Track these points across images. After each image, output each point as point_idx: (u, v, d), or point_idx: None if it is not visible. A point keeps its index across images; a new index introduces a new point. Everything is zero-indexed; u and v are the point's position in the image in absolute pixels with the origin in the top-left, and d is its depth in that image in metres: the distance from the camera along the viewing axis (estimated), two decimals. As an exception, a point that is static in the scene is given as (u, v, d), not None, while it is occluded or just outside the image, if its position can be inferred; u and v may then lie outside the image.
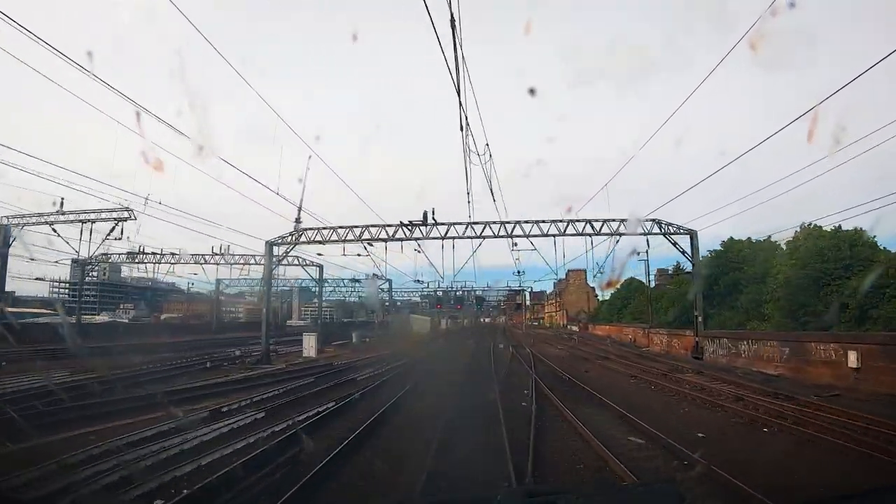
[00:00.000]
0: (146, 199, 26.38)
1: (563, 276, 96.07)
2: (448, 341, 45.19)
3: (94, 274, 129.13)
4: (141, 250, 41.53)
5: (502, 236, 24.06)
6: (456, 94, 8.72)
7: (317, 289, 73.10)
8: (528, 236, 24.05)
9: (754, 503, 5.97)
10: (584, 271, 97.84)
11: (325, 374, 21.28)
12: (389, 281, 53.12)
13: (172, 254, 41.37)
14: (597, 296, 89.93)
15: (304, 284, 57.56)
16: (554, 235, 24.11)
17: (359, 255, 25.42)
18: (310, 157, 35.91)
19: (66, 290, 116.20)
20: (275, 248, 27.91)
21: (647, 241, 25.81)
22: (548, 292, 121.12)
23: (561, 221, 24.28)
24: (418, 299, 71.25)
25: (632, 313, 48.40)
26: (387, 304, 57.64)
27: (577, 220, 24.48)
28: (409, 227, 24.48)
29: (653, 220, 25.78)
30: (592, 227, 24.62)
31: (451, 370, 22.26)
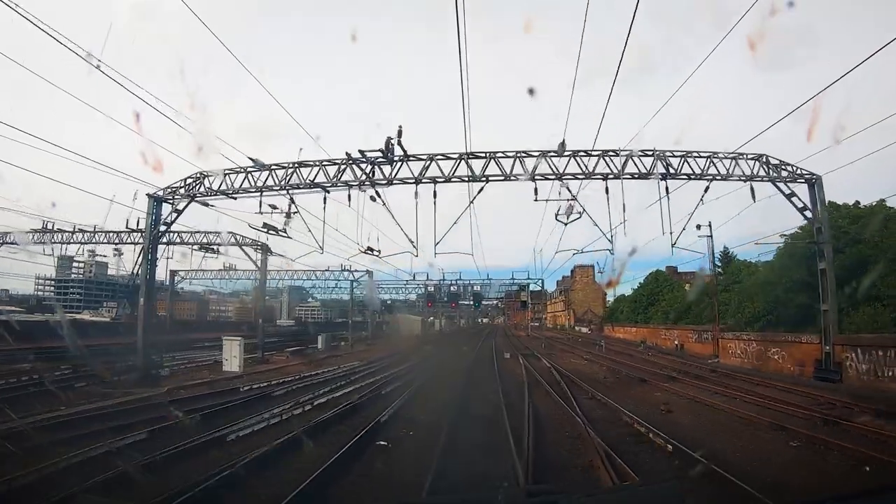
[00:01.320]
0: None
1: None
2: (439, 347, 34.62)
3: (80, 271, 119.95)
4: (47, 226, 31.20)
5: (518, 177, 13.66)
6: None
7: (310, 286, 62.99)
8: (561, 177, 13.67)
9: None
10: (592, 267, 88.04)
11: (201, 418, 10.92)
12: (370, 273, 42.64)
13: (83, 231, 30.91)
14: (604, 294, 79.96)
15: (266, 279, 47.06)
16: (604, 177, 13.75)
17: (273, 208, 14.87)
18: (301, 149, 25.93)
19: (52, 288, 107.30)
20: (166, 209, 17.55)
21: (752, 189, 15.43)
22: (550, 291, 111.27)
23: (614, 154, 13.92)
24: (413, 296, 60.84)
25: (664, 311, 38.02)
26: (363, 300, 47.14)
27: (643, 154, 14.12)
28: (365, 165, 14.21)
29: (756, 158, 15.45)
30: (667, 165, 14.32)
31: (430, 413, 11.97)
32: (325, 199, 14.47)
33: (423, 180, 13.66)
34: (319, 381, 17.26)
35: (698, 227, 24.69)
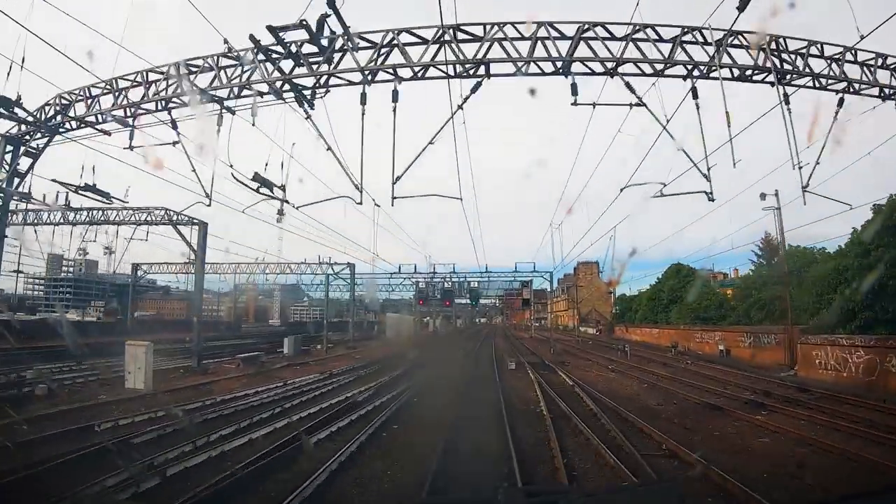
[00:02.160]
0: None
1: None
2: (429, 353, 28.61)
3: (70, 270, 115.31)
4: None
5: (538, 64, 7.77)
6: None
7: (282, 282, 56.90)
8: (614, 69, 7.74)
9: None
10: (596, 264, 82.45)
11: None
12: (352, 266, 36.76)
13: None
14: (610, 292, 74.55)
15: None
16: (688, 70, 7.95)
17: (124, 125, 9.01)
18: (294, 144, 20.25)
19: (42, 287, 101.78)
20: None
21: (907, 111, 9.72)
22: (549, 290, 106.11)
23: (699, 37, 8.12)
24: (411, 295, 54.55)
25: (694, 311, 32.22)
26: (350, 294, 41.12)
27: (741, 43, 8.32)
28: (283, 59, 8.43)
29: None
30: (780, 59, 8.58)
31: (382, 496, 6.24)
32: (219, 116, 8.62)
33: (379, 74, 7.84)
34: (238, 410, 11.39)
35: (762, 196, 18.95)
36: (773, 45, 8.57)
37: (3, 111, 10.12)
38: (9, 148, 12.06)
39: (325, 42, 8.06)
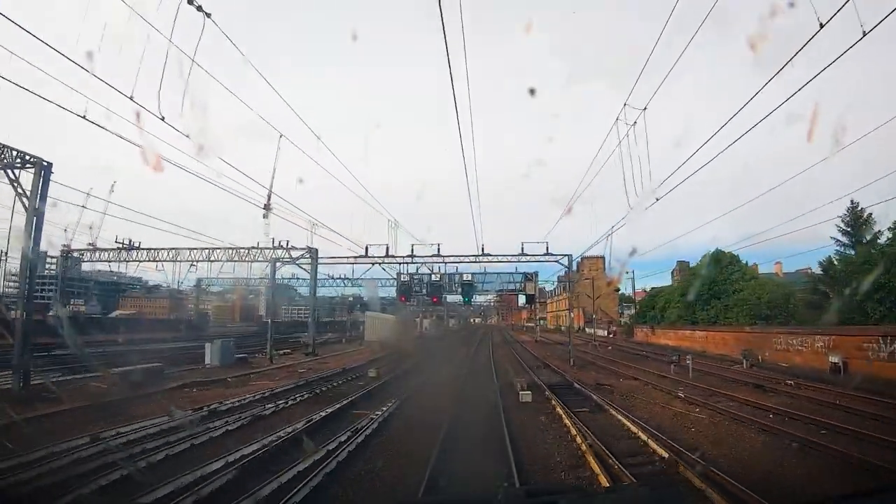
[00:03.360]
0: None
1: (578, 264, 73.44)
2: (405, 366, 20.75)
3: (53, 268, 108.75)
4: None
5: None
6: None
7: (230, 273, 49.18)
8: None
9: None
10: (602, 259, 75.40)
11: None
12: (314, 250, 29.09)
13: None
14: (617, 290, 67.60)
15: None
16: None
17: None
18: (280, 136, 13.77)
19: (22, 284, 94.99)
20: None
21: None
22: (549, 289, 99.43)
23: None
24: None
25: (749, 309, 24.92)
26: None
27: None
28: None
29: None
30: None
31: None
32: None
33: None
34: None
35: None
36: None
37: None
38: None
39: None
